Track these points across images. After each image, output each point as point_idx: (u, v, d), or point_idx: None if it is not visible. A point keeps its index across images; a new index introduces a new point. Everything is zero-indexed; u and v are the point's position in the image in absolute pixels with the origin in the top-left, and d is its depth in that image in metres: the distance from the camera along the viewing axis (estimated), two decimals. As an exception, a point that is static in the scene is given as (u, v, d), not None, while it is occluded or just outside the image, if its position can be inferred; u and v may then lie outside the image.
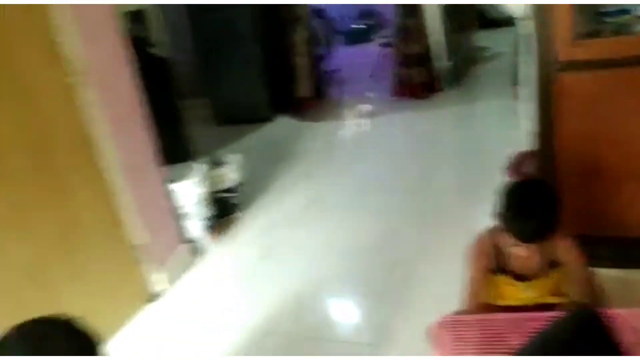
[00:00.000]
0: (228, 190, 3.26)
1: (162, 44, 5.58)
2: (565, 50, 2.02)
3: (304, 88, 5.16)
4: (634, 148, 2.07)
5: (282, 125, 5.01)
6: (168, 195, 2.87)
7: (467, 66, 5.17)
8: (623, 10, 2.12)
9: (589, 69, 2.03)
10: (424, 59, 4.75)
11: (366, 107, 5.18)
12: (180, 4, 4.92)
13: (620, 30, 2.08)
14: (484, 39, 5.74)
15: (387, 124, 4.74)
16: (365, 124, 4.90)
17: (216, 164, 3.28)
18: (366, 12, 7.76)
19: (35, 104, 2.12)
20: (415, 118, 4.57)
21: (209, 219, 3.09)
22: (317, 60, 5.70)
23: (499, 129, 3.95)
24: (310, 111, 5.10)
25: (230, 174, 3.25)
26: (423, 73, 4.75)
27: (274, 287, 2.66)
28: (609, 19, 2.12)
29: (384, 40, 5.88)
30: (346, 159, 4.09)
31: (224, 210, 3.26)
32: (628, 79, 2.01)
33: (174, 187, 2.90)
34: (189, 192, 2.95)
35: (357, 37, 7.69)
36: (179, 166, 3.09)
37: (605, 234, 2.27)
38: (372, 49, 6.72)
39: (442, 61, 4.85)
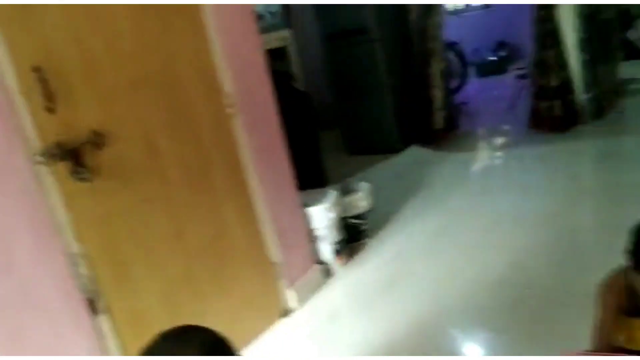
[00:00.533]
0: (358, 217, 3.41)
1: (300, 78, 5.99)
2: None
3: (437, 120, 5.21)
4: None
5: (414, 156, 5.10)
6: (303, 218, 3.07)
7: (611, 99, 4.91)
8: None
9: None
10: (562, 91, 4.59)
11: (500, 140, 5.12)
12: (317, 41, 5.24)
13: None
14: (633, 70, 5.41)
15: (521, 157, 4.64)
16: (499, 156, 4.85)
17: (347, 191, 3.45)
18: (500, 43, 7.66)
19: (197, 131, 2.44)
20: (551, 152, 4.42)
21: (339, 243, 3.25)
22: (451, 92, 5.75)
23: (645, 166, 3.71)
24: (442, 143, 5.14)
25: (360, 201, 3.40)
26: (561, 106, 4.60)
27: (397, 314, 2.72)
28: None
29: (519, 72, 5.78)
30: (477, 191, 4.07)
31: (353, 236, 3.41)
32: None
33: (309, 210, 3.10)
34: (322, 216, 3.13)
35: (491, 69, 7.61)
36: (313, 191, 3.31)
37: None
38: (507, 81, 6.62)
39: (582, 94, 4.66)
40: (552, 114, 4.63)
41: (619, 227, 2.91)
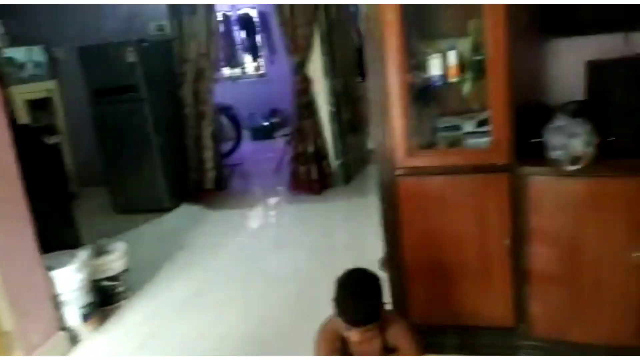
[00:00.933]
0: (111, 279, 3.30)
1: (65, 132, 5.71)
2: (404, 158, 2.35)
3: (208, 180, 5.36)
4: (464, 246, 2.38)
5: (183, 214, 5.14)
6: (46, 282, 2.88)
7: (358, 165, 5.59)
8: (455, 126, 2.51)
9: (425, 175, 2.36)
10: (318, 157, 5.10)
11: (265, 200, 5.45)
12: (85, 95, 5.07)
13: (453, 143, 2.46)
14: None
15: (283, 216, 5.03)
16: (264, 215, 5.15)
17: (101, 251, 3.33)
18: (274, 110, 8.25)
19: None
20: (308, 211, 4.85)
21: (88, 306, 3.10)
22: (223, 154, 5.97)
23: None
24: (213, 202, 5.29)
25: (114, 262, 3.31)
26: (317, 170, 5.09)
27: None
28: (443, 134, 2.50)
29: (286, 137, 6.27)
30: (238, 249, 4.24)
31: (105, 299, 3.29)
32: (458, 185, 2.34)
33: (53, 274, 2.92)
34: (69, 279, 2.97)
35: (265, 134, 8.11)
36: (62, 253, 3.13)
37: (448, 323, 2.52)
38: (277, 145, 7.10)
39: (334, 160, 5.24)
40: (309, 177, 5.09)
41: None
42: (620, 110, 2.14)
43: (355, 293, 1.85)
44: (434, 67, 2.38)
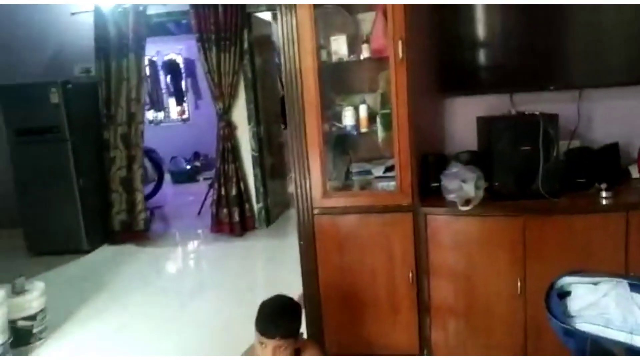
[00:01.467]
0: (28, 318, 3.26)
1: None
2: (320, 199, 2.59)
3: (140, 221, 5.35)
4: (374, 279, 2.62)
5: (104, 255, 5.12)
6: (-41, 322, 2.83)
7: (280, 208, 5.80)
8: (367, 171, 2.79)
9: (340, 214, 2.61)
10: (240, 200, 5.27)
11: (188, 241, 5.52)
12: (3, 134, 5.00)
13: (365, 186, 2.73)
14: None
15: (205, 257, 5.13)
16: (186, 256, 5.22)
17: (18, 291, 3.29)
18: (196, 153, 8.37)
19: None
20: (230, 252, 4.96)
21: (2, 346, 3.04)
22: (146, 196, 5.99)
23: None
24: (134, 243, 5.29)
25: (32, 302, 3.28)
26: (239, 212, 5.24)
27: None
28: (356, 177, 2.77)
29: (209, 180, 6.39)
30: (160, 288, 4.26)
31: (21, 339, 3.23)
32: (369, 223, 2.60)
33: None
34: (-17, 318, 2.93)
35: (187, 177, 8.19)
36: (-25, 293, 3.07)
37: (362, 352, 2.72)
38: (200, 188, 7.19)
39: (256, 203, 5.42)
40: (231, 219, 5.23)
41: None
42: (503, 159, 2.48)
43: (275, 308, 2.04)
44: (348, 119, 2.66)
